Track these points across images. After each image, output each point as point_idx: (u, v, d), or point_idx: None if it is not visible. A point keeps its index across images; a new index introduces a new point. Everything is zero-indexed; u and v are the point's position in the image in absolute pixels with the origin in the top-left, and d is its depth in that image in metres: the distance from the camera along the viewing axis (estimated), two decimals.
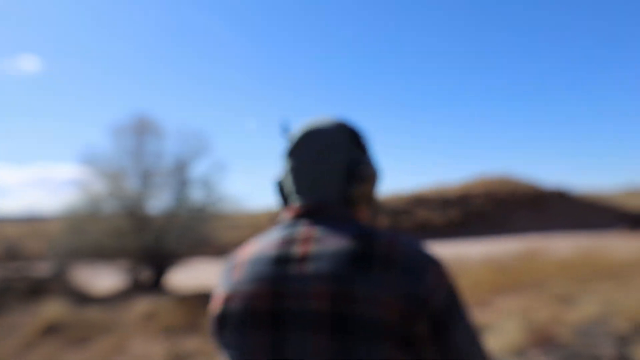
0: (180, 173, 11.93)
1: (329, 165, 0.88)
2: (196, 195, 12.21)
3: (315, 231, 0.81)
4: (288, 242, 0.81)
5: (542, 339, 4.34)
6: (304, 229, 0.82)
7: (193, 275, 12.52)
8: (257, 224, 25.07)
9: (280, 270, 0.79)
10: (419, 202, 27.25)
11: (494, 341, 4.49)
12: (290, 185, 0.92)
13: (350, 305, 0.70)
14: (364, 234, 0.78)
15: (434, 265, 0.74)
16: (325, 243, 0.78)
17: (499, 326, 5.25)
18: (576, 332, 4.72)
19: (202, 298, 7.95)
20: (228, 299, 0.82)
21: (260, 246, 0.85)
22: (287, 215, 0.87)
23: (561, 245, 13.11)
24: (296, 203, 0.88)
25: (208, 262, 14.21)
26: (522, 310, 6.21)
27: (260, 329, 0.77)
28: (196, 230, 11.56)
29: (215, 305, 0.85)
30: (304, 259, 0.78)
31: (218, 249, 12.26)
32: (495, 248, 14.16)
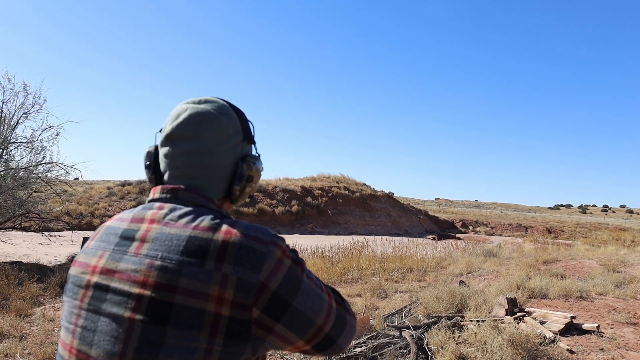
0: None
1: (210, 159, 0.84)
2: (17, 157, 10.64)
3: (164, 213, 0.80)
4: (138, 220, 0.81)
5: (359, 326, 5.04)
6: (153, 211, 0.81)
7: (9, 248, 10.96)
8: (94, 197, 22.81)
9: (120, 246, 0.79)
10: (262, 191, 27.88)
11: None
12: (164, 170, 0.88)
13: (171, 294, 0.71)
14: (212, 221, 0.77)
15: (271, 252, 0.75)
16: (168, 226, 0.77)
17: None
18: (386, 319, 5.58)
19: (15, 271, 7.06)
20: (73, 264, 0.85)
21: (119, 219, 0.85)
22: (151, 194, 0.86)
23: (382, 243, 14.79)
24: (164, 184, 0.86)
25: (30, 237, 12.54)
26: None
27: (82, 300, 0.78)
28: (14, 196, 10.11)
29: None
30: (144, 239, 0.77)
31: (43, 222, 10.85)
32: (328, 242, 15.30)
